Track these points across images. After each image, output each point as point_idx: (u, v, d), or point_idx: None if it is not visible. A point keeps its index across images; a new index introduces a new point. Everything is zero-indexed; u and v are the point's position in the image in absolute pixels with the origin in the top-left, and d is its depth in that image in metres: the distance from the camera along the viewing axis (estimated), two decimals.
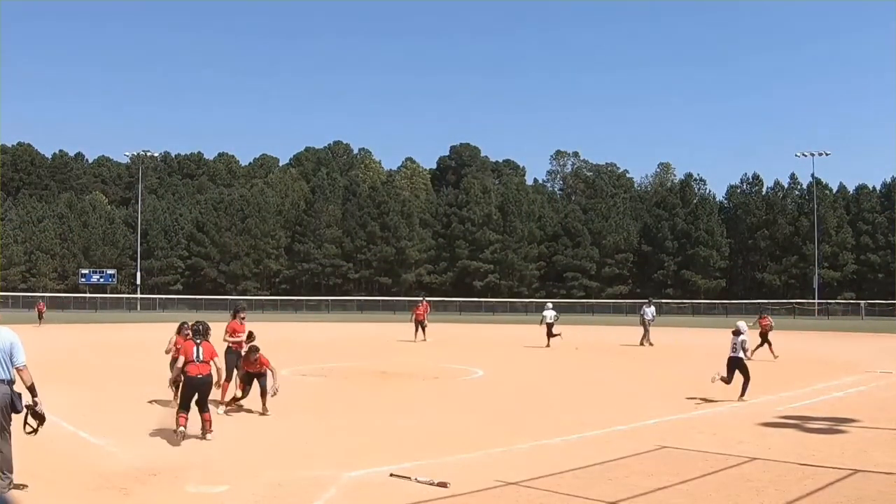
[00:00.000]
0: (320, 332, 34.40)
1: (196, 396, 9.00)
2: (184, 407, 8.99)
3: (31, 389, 6.53)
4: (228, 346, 11.70)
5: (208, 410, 9.14)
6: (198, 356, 9.10)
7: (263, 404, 11.02)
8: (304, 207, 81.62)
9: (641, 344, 26.02)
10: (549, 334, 25.55)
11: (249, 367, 11.06)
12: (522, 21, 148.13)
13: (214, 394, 9.85)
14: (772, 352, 20.61)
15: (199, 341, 9.30)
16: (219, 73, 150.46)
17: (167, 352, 11.27)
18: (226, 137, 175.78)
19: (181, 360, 9.20)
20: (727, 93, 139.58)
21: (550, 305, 27.49)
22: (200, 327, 9.57)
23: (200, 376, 9.02)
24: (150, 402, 11.76)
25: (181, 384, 9.28)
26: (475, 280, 75.74)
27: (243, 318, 12.15)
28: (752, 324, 18.97)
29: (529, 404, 12.68)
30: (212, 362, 9.24)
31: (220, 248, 76.75)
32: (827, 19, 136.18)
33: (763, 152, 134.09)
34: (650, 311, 27.10)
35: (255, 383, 11.10)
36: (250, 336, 11.66)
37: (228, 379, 11.26)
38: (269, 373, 11.08)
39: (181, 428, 8.82)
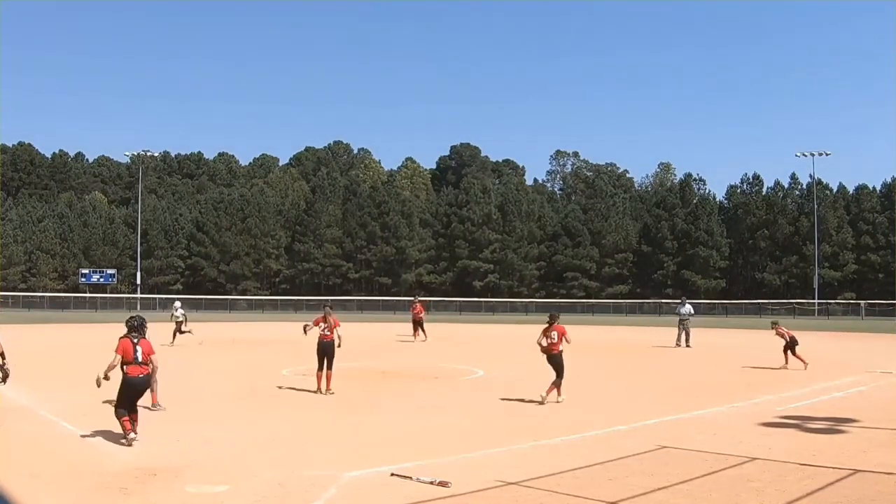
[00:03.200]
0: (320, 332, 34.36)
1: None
2: (124, 409, 8.68)
3: (2, 355, 9.54)
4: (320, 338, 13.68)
5: (136, 411, 8.91)
6: (136, 357, 8.65)
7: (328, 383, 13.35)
8: (304, 207, 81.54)
9: (679, 345, 25.48)
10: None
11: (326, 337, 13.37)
12: (522, 21, 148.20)
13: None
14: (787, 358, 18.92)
15: (136, 340, 8.76)
16: (219, 73, 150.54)
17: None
18: (226, 137, 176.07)
19: (117, 358, 8.75)
20: (727, 93, 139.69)
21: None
22: (136, 322, 8.99)
23: (142, 377, 8.68)
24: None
25: (120, 386, 8.79)
26: (475, 280, 75.66)
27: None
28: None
29: (529, 404, 12.68)
30: (150, 360, 8.94)
31: (220, 248, 76.68)
32: (827, 19, 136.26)
33: (763, 152, 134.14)
34: (684, 310, 26.07)
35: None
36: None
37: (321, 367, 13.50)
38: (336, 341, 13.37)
39: (132, 434, 8.47)
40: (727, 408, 12.18)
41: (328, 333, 13.40)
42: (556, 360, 12.65)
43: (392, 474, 7.32)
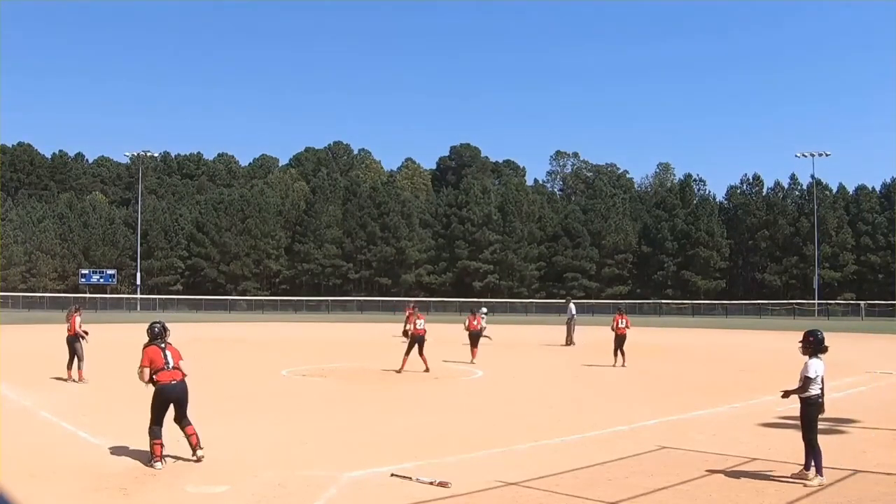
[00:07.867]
0: (320, 332, 34.38)
1: (173, 410, 7.91)
2: (158, 425, 7.77)
3: None
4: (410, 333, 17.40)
5: (191, 423, 7.96)
6: (168, 362, 7.93)
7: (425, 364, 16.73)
8: (304, 207, 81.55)
9: (570, 344, 26.12)
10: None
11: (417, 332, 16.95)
12: (521, 22, 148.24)
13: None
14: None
15: (163, 345, 8.08)
16: (219, 74, 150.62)
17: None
18: (226, 137, 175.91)
19: (146, 372, 7.90)
20: (727, 93, 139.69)
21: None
22: (159, 328, 8.23)
23: (175, 382, 7.88)
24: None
25: (153, 397, 7.94)
26: (475, 280, 75.65)
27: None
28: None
29: (529, 404, 12.67)
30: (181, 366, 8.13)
31: (220, 248, 76.68)
32: (827, 19, 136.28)
33: (763, 152, 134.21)
34: (572, 307, 27.65)
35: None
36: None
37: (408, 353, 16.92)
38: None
39: (157, 462, 7.59)
40: (727, 408, 12.17)
41: (422, 328, 17.09)
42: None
43: (392, 474, 7.31)
